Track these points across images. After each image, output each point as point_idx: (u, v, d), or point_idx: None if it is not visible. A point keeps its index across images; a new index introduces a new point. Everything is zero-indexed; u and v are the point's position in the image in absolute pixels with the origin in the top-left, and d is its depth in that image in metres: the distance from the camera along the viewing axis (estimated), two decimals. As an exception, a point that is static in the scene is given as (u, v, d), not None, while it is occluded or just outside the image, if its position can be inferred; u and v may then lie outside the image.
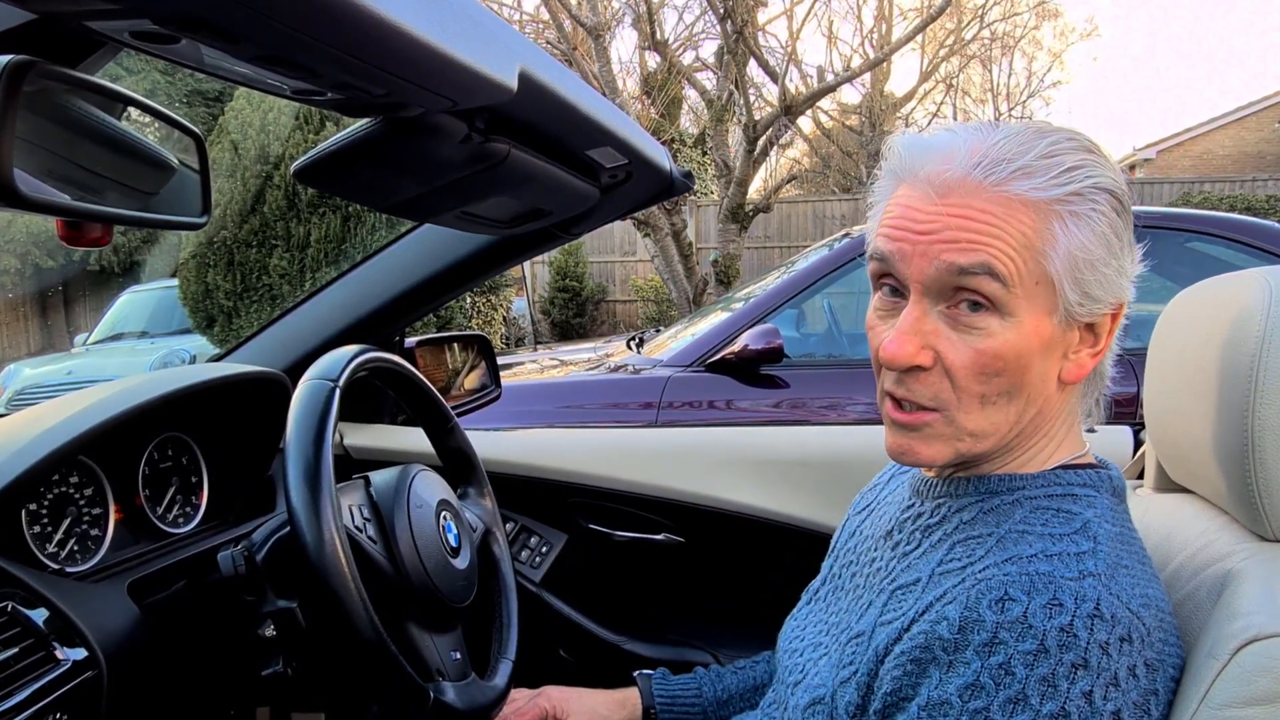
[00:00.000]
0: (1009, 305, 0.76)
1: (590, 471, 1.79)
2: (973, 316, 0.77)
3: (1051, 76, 22.26)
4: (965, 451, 0.82)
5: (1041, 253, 0.76)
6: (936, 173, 0.78)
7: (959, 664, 0.72)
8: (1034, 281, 0.76)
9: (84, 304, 17.10)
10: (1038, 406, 0.81)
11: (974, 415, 0.80)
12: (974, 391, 0.79)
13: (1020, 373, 0.78)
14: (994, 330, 0.77)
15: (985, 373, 0.78)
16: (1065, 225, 0.76)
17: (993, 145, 0.78)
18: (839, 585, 1.00)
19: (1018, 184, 0.76)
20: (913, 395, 0.81)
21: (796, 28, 11.34)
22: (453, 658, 1.13)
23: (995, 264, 0.75)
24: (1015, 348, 0.77)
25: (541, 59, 0.88)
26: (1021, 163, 0.76)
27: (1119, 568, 0.75)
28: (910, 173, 0.81)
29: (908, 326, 0.79)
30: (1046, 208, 0.76)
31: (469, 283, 1.63)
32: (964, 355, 0.78)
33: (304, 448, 0.98)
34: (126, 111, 0.86)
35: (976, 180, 0.77)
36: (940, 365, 0.79)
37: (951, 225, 0.76)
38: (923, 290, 0.79)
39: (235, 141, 7.82)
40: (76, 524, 1.16)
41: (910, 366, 0.79)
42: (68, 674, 0.95)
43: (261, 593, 1.07)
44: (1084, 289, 0.78)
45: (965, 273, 0.76)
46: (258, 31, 0.60)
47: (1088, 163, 0.78)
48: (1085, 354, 0.82)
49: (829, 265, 3.34)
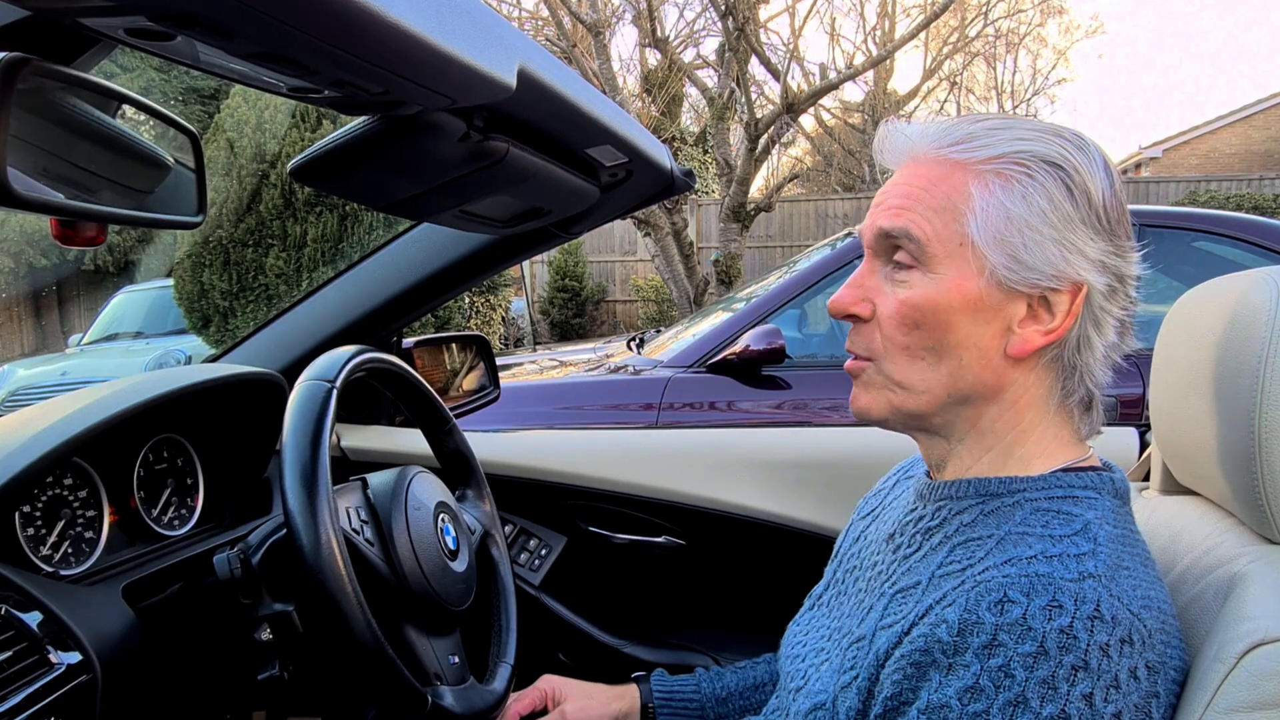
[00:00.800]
0: (929, 262, 0.82)
1: (590, 473, 1.79)
2: (901, 272, 0.83)
3: (1056, 74, 22.35)
4: (898, 405, 0.86)
5: (959, 212, 0.80)
6: (901, 149, 0.87)
7: (958, 667, 0.72)
8: (956, 242, 0.81)
9: (78, 304, 17.11)
10: (976, 375, 0.82)
11: (900, 365, 0.84)
12: (898, 342, 0.84)
13: (941, 329, 0.82)
14: (915, 283, 0.82)
15: (905, 322, 0.83)
16: (987, 185, 0.80)
17: (955, 123, 0.84)
18: (842, 590, 1.00)
19: (954, 148, 0.82)
20: (853, 345, 0.88)
21: (799, 24, 11.39)
22: (451, 661, 1.13)
23: (912, 228, 0.82)
24: (932, 300, 0.81)
25: (541, 56, 0.88)
26: (968, 131, 0.82)
27: (1120, 569, 0.75)
28: (886, 155, 0.89)
29: (853, 280, 0.88)
30: (973, 168, 0.81)
31: (467, 282, 1.63)
32: (890, 304, 0.84)
33: (301, 449, 0.98)
34: (121, 109, 0.86)
35: (924, 148, 0.84)
36: (876, 317, 0.85)
37: (893, 193, 0.84)
38: (872, 252, 0.87)
39: (231, 140, 7.83)
40: (71, 526, 1.16)
41: (848, 314, 0.86)
42: (62, 678, 0.95)
43: (257, 596, 1.07)
44: (1009, 252, 0.80)
45: (890, 235, 0.83)
46: (253, 28, 0.60)
47: (1035, 137, 0.81)
48: (1034, 330, 0.82)
49: (831, 265, 3.34)
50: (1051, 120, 0.85)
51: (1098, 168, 0.81)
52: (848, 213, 13.32)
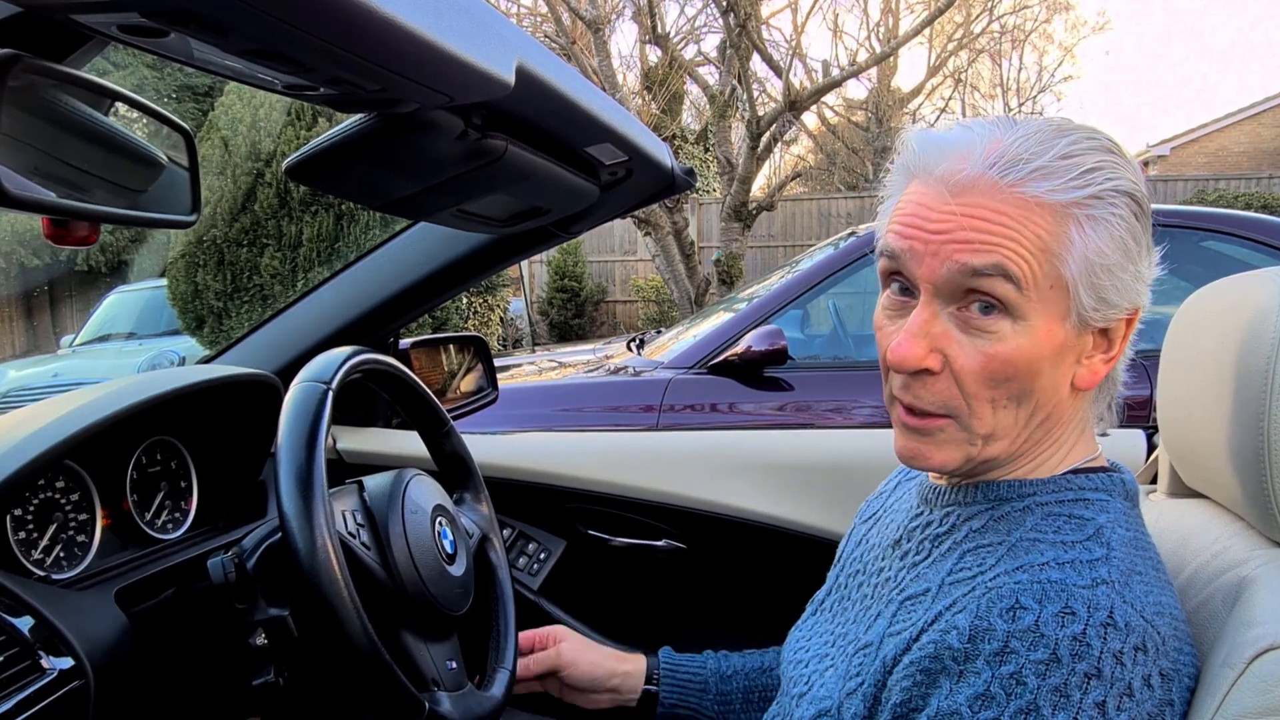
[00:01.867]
0: (1021, 308, 0.76)
1: (589, 476, 1.79)
2: (984, 319, 0.77)
3: (1062, 71, 22.24)
4: (976, 456, 0.82)
5: (1057, 256, 0.76)
6: (951, 171, 0.78)
7: (969, 674, 0.72)
8: (1048, 285, 0.76)
9: (70, 304, 17.11)
10: (1048, 411, 0.81)
11: (986, 420, 0.80)
12: (984, 396, 0.79)
13: (1031, 378, 0.78)
14: (1005, 334, 0.77)
15: (995, 378, 0.78)
16: (1082, 229, 0.76)
17: (1010, 144, 0.77)
18: (845, 595, 1.00)
19: (1035, 185, 0.76)
20: (919, 402, 0.80)
21: (801, 21, 11.37)
22: (449, 667, 1.13)
23: (1009, 265, 0.75)
24: (1026, 353, 0.77)
25: (540, 53, 0.88)
26: (1039, 163, 0.76)
27: (1133, 575, 0.75)
28: (924, 169, 0.80)
29: (917, 328, 0.79)
30: (1063, 210, 0.76)
31: (465, 283, 1.63)
32: (973, 360, 0.78)
33: (296, 452, 0.98)
34: (114, 107, 0.86)
35: (992, 180, 0.76)
36: (949, 370, 0.79)
37: (965, 225, 0.76)
38: (934, 291, 0.79)
39: (225, 138, 7.83)
40: (63, 530, 1.16)
41: (918, 370, 0.79)
42: (54, 684, 0.95)
43: (252, 600, 1.07)
44: (1099, 294, 0.77)
45: (978, 274, 0.76)
46: (248, 25, 0.60)
47: (1107, 164, 0.77)
48: (1099, 359, 0.82)
49: (834, 265, 3.34)
50: (1069, 118, 0.83)
51: (1142, 179, 0.80)
52: (850, 212, 13.32)
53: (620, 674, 1.25)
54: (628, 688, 1.25)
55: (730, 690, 1.22)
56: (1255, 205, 11.24)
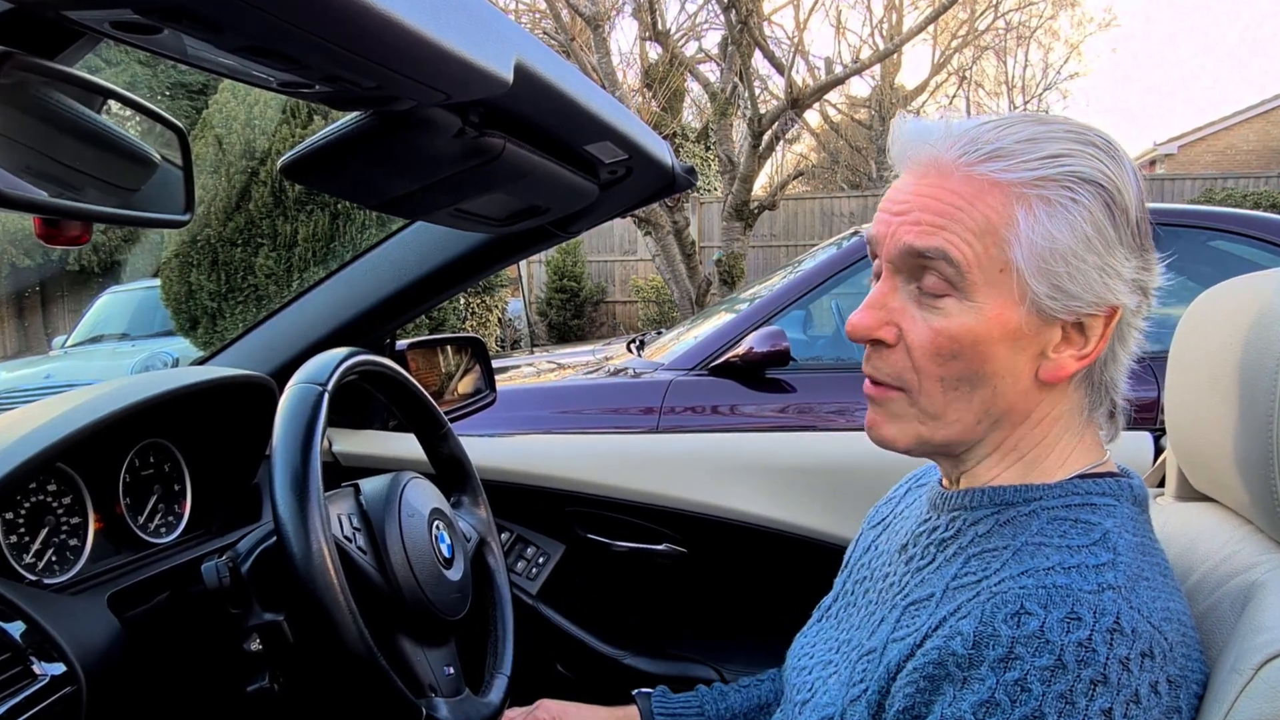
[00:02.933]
0: (967, 290, 0.79)
1: (589, 479, 1.79)
2: (934, 298, 0.80)
3: (1069, 68, 22.26)
4: (927, 436, 0.84)
5: (1003, 238, 0.77)
6: (917, 153, 0.82)
7: (974, 680, 0.72)
8: (996, 269, 0.78)
9: (62, 305, 17.11)
10: (1008, 401, 0.82)
11: (935, 398, 0.82)
12: (932, 373, 0.81)
13: (979, 360, 0.80)
14: (952, 311, 0.79)
15: (941, 354, 0.80)
16: (1032, 211, 0.77)
17: (981, 130, 0.80)
18: (851, 602, 1.00)
19: (988, 165, 0.78)
20: (877, 372, 0.84)
21: (803, 18, 11.38)
22: (446, 673, 1.13)
23: (949, 249, 0.78)
24: (972, 332, 0.79)
25: (538, 50, 0.88)
26: (999, 145, 0.78)
27: (1140, 580, 0.75)
28: (903, 155, 0.84)
29: (873, 300, 0.84)
30: (1014, 191, 0.78)
31: (463, 283, 1.63)
32: (922, 333, 0.81)
33: (291, 454, 0.98)
34: (106, 105, 0.86)
35: (950, 160, 0.80)
36: (903, 343, 0.82)
37: (918, 206, 0.80)
38: (893, 269, 0.83)
39: (219, 136, 7.83)
40: (54, 534, 1.16)
41: (871, 339, 0.83)
42: (45, 690, 0.95)
43: (247, 605, 1.07)
44: (1053, 281, 0.78)
45: (922, 255, 0.79)
46: (242, 21, 0.60)
47: (1074, 151, 0.78)
48: (1068, 355, 0.81)
49: (837, 265, 3.33)
50: (1066, 115, 0.83)
51: (1130, 178, 0.80)
52: (854, 211, 13.32)
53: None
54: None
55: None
56: (1264, 204, 11.24)
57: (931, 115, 0.87)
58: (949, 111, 17.07)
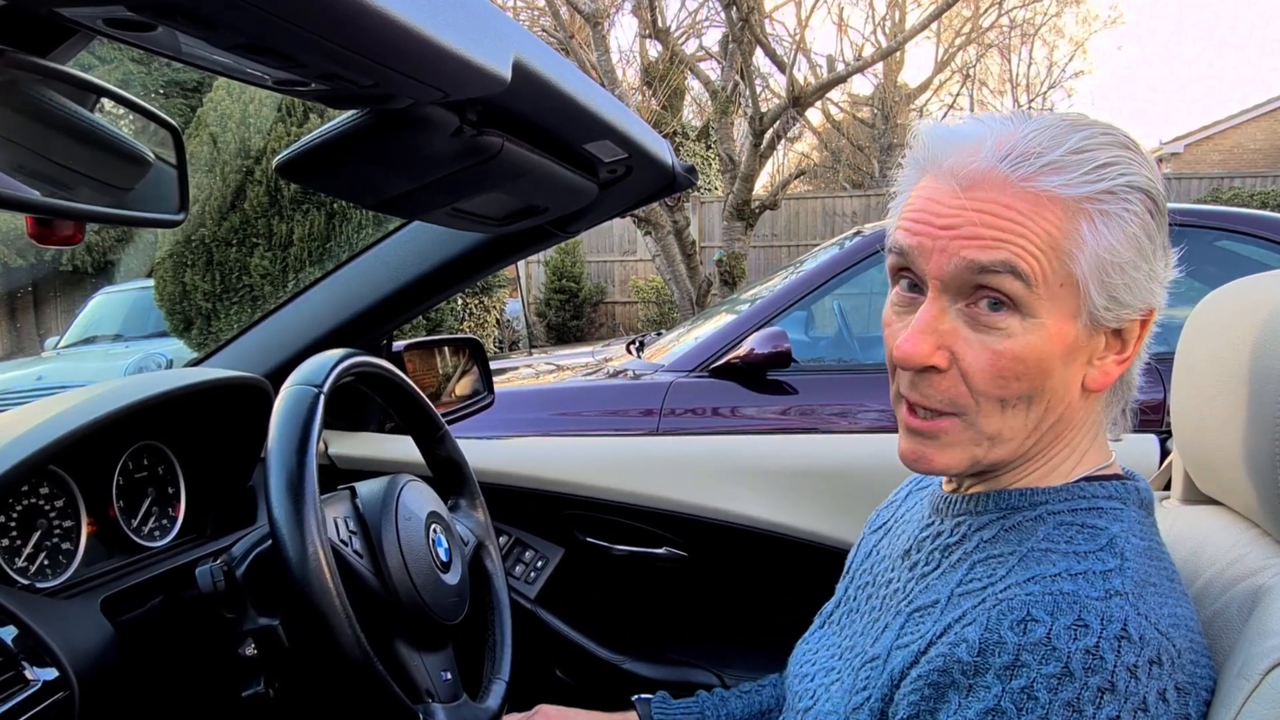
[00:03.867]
0: (1031, 306, 0.76)
1: (588, 482, 1.79)
2: (993, 316, 0.77)
3: (1074, 66, 22.30)
4: (982, 458, 0.82)
5: (1068, 253, 0.76)
6: (961, 164, 0.78)
7: (979, 688, 0.71)
8: (1059, 283, 0.76)
9: (55, 305, 17.11)
10: (1058, 414, 0.81)
11: (993, 419, 0.80)
12: (992, 395, 0.78)
13: (1041, 377, 0.78)
14: (1014, 331, 0.77)
15: (1004, 376, 0.77)
16: (1094, 225, 0.76)
17: (1022, 138, 0.77)
18: (854, 608, 1.00)
19: (1046, 179, 0.76)
20: (927, 400, 0.81)
21: (805, 15, 11.37)
22: (443, 678, 1.13)
23: (1018, 262, 0.75)
24: (1037, 351, 0.77)
25: (537, 48, 0.88)
26: (1051, 157, 0.76)
27: (1147, 586, 0.75)
28: (934, 163, 0.81)
29: (924, 325, 0.79)
30: (1075, 205, 0.76)
31: (460, 283, 1.63)
32: (982, 357, 0.78)
33: (287, 457, 0.98)
34: (100, 103, 0.86)
35: (1003, 174, 0.76)
36: (956, 367, 0.79)
37: (974, 220, 0.76)
38: (941, 287, 0.79)
39: (214, 134, 7.83)
40: (47, 537, 1.16)
41: (925, 367, 0.79)
42: (38, 695, 0.95)
43: (242, 610, 1.07)
44: (1111, 293, 0.77)
45: (986, 270, 0.76)
46: (237, 18, 0.60)
47: (1121, 159, 0.77)
48: (1111, 361, 0.81)
49: (839, 265, 3.33)
50: (1084, 114, 0.82)
51: (1159, 177, 0.80)
52: (856, 210, 13.33)
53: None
54: None
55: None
56: (1271, 204, 11.24)
57: (935, 114, 0.86)
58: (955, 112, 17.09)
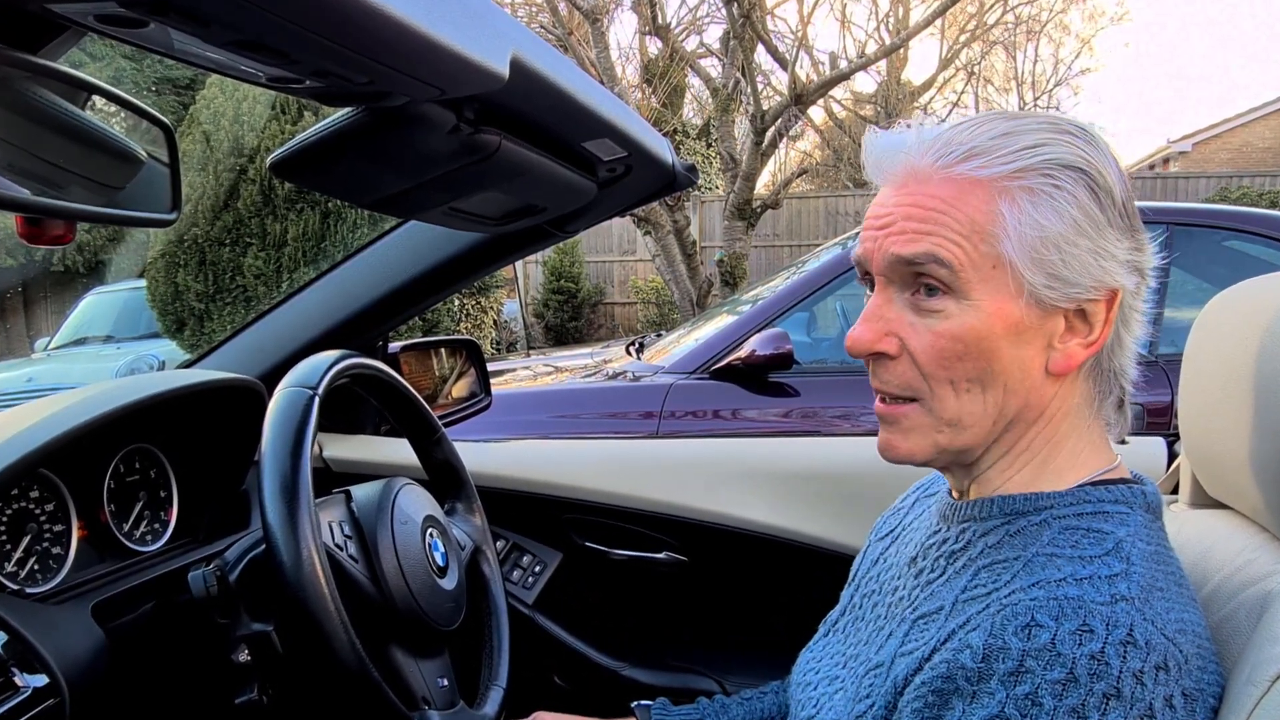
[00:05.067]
0: (962, 289, 0.79)
1: (587, 486, 1.79)
2: (930, 300, 0.81)
3: (1080, 63, 22.25)
4: (945, 444, 0.84)
5: (991, 234, 0.79)
6: (892, 164, 0.84)
7: (983, 694, 0.72)
8: (989, 265, 0.79)
9: (45, 306, 17.10)
10: (1022, 398, 0.82)
11: (949, 403, 0.82)
12: (941, 377, 0.82)
13: (986, 357, 0.80)
14: (951, 313, 0.80)
15: (946, 356, 0.81)
16: (1016, 202, 0.79)
17: (954, 133, 0.82)
18: (859, 616, 1.00)
19: (965, 164, 0.80)
20: (885, 385, 0.85)
21: (807, 11, 11.36)
22: (439, 685, 1.13)
23: (939, 251, 0.79)
24: (974, 330, 0.80)
25: (535, 44, 0.88)
26: (974, 144, 0.80)
27: (1154, 591, 0.75)
28: (878, 170, 0.86)
29: (869, 313, 0.84)
30: (996, 185, 0.79)
31: (457, 284, 1.63)
32: (924, 339, 0.81)
33: (281, 460, 0.98)
34: (91, 100, 0.86)
35: (926, 165, 0.81)
36: (906, 353, 0.83)
37: (902, 215, 0.81)
38: (885, 280, 0.84)
39: (207, 132, 7.84)
40: (37, 541, 1.16)
41: (873, 353, 0.84)
42: (28, 702, 0.95)
43: (235, 615, 1.07)
44: (1048, 270, 0.79)
45: (912, 263, 0.80)
46: (231, 14, 0.60)
47: (1050, 140, 0.80)
48: (1075, 344, 0.82)
49: (842, 265, 3.34)
50: (1065, 113, 0.83)
51: (1109, 161, 0.81)
52: (859, 210, 13.32)
53: None
54: None
55: None
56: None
57: (940, 112, 0.87)
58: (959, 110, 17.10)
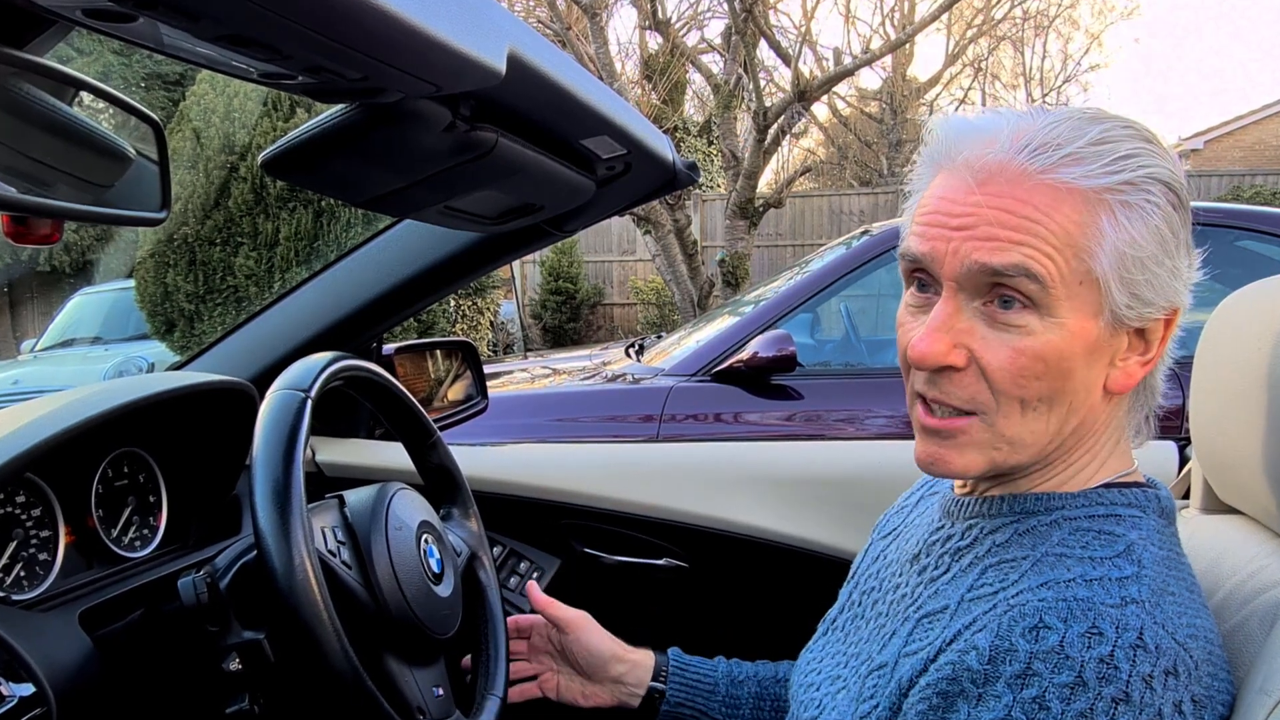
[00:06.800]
0: (1049, 305, 0.76)
1: (586, 490, 1.79)
2: (1010, 314, 0.78)
3: (1089, 59, 22.26)
4: (1000, 462, 0.82)
5: (1086, 250, 0.76)
6: (977, 156, 0.79)
7: (989, 697, 0.72)
8: (1077, 281, 0.77)
9: (32, 307, 17.10)
10: (1080, 417, 0.81)
11: (1014, 421, 0.80)
12: (1012, 395, 0.79)
13: (1062, 377, 0.78)
14: (1034, 329, 0.77)
15: (1024, 375, 0.78)
16: (1115, 218, 0.76)
17: (1041, 129, 0.78)
18: (859, 614, 1.00)
19: (1066, 170, 0.76)
20: (946, 397, 0.81)
21: (811, 6, 11.36)
22: (435, 694, 1.13)
23: (1032, 265, 0.75)
24: (1057, 349, 0.77)
25: (533, 40, 0.88)
26: (1072, 148, 0.76)
27: (1165, 595, 0.75)
28: (949, 158, 0.81)
29: (939, 323, 0.79)
30: (1096, 197, 0.76)
31: (453, 284, 1.63)
32: (1001, 355, 0.78)
33: (272, 464, 0.98)
34: (78, 97, 0.86)
35: (1019, 165, 0.77)
36: (975, 366, 0.79)
37: (987, 219, 0.77)
38: (956, 287, 0.79)
39: (197, 129, 7.83)
40: (23, 548, 1.15)
41: (941, 367, 0.79)
42: (13, 712, 0.95)
43: (226, 623, 1.07)
44: (1133, 290, 0.77)
45: (1000, 274, 0.76)
46: (221, 8, 0.60)
47: (1143, 151, 0.78)
48: (1134, 362, 0.82)
49: (846, 265, 3.34)
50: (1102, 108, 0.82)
51: (1181, 171, 0.80)
52: (863, 209, 13.33)
53: (627, 662, 1.26)
54: (633, 679, 1.25)
55: (740, 695, 1.23)
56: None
57: (946, 109, 0.86)
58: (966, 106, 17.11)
